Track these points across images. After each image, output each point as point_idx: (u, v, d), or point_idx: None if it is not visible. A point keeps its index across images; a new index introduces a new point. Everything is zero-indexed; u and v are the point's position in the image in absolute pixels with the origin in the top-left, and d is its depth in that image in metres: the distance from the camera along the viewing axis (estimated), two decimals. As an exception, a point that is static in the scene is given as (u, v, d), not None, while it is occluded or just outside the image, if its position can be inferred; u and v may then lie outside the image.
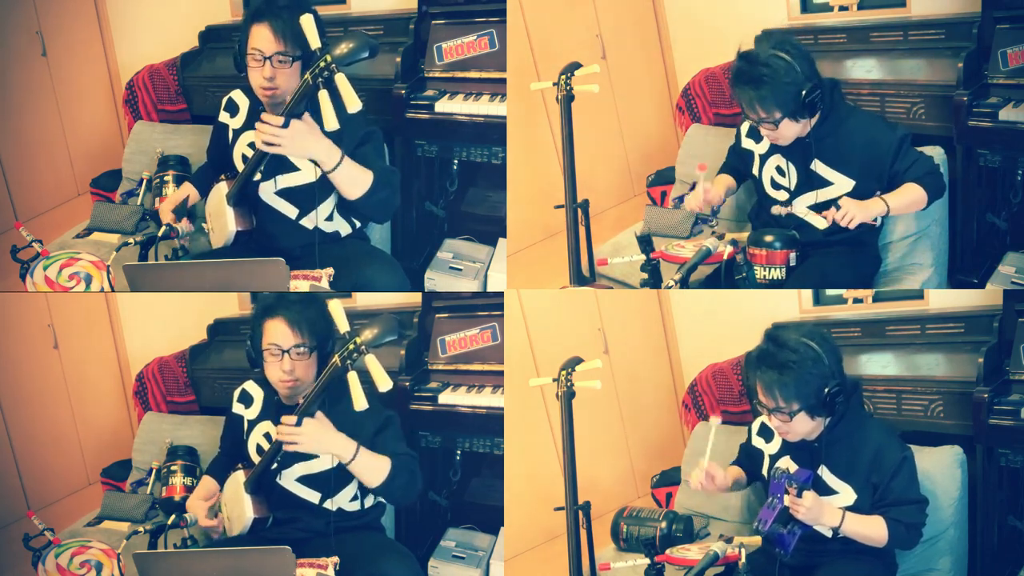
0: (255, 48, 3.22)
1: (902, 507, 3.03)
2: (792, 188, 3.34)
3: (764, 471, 3.24)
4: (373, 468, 3.12)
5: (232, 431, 3.35)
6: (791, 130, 3.23)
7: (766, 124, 3.21)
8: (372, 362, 2.95)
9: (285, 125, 3.15)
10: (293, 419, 3.04)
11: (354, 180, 3.26)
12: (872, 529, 3.02)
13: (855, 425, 3.09)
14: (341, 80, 3.06)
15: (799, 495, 2.97)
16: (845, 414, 3.07)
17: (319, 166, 3.24)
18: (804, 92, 3.15)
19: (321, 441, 3.07)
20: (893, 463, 3.04)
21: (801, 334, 3.00)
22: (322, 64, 3.06)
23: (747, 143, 3.43)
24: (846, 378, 3.05)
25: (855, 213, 3.20)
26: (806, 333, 3.01)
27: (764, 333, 3.05)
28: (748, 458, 3.32)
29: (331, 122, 3.08)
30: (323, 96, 3.07)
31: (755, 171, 3.42)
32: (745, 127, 3.45)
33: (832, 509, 3.02)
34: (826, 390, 2.97)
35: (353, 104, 3.07)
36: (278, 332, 3.14)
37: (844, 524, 3.01)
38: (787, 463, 3.13)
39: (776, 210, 3.35)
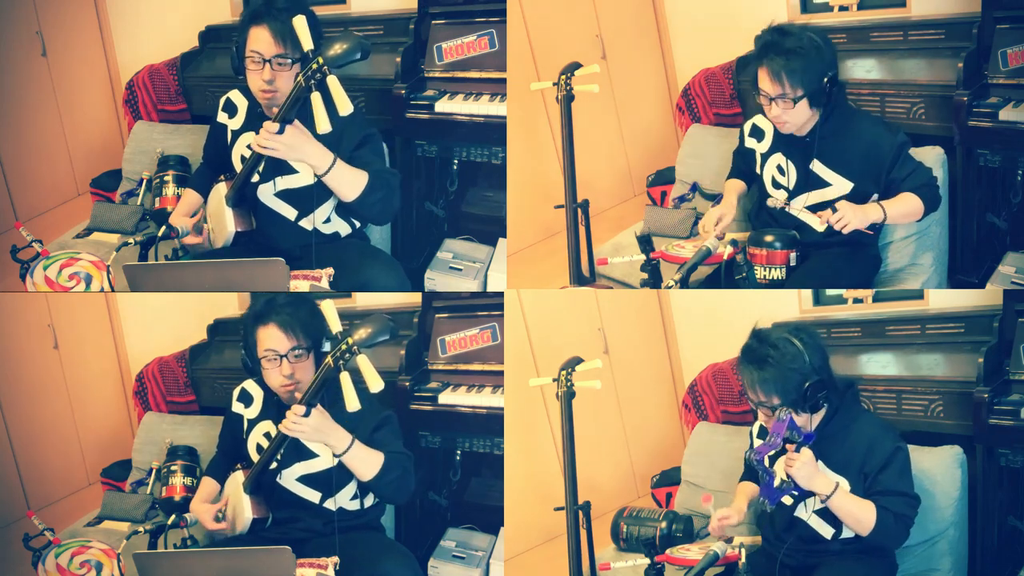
0: (254, 50, 3.22)
1: (891, 497, 3.01)
2: (791, 187, 3.34)
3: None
4: (366, 461, 3.14)
5: (231, 431, 3.35)
6: (802, 115, 3.23)
7: (784, 100, 3.19)
8: (364, 362, 2.96)
9: (280, 131, 3.15)
10: (302, 409, 3.06)
11: (348, 182, 3.25)
12: (861, 510, 2.99)
13: (850, 420, 3.08)
14: (333, 83, 3.05)
15: (797, 450, 2.97)
16: (839, 410, 3.07)
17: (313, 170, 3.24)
18: (827, 78, 3.17)
19: (320, 430, 3.10)
20: (885, 453, 3.03)
21: (786, 330, 3.02)
22: (314, 66, 3.05)
23: (749, 142, 3.43)
24: (831, 375, 3.05)
25: (851, 218, 3.18)
26: (791, 330, 3.03)
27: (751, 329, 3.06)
28: (751, 472, 3.31)
29: (323, 124, 3.07)
30: (315, 98, 3.05)
31: (757, 169, 3.42)
32: (748, 127, 3.44)
33: (825, 477, 3.00)
34: (806, 385, 2.97)
35: (345, 107, 3.06)
36: (273, 338, 3.14)
37: (834, 497, 2.99)
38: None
39: (772, 201, 3.35)
